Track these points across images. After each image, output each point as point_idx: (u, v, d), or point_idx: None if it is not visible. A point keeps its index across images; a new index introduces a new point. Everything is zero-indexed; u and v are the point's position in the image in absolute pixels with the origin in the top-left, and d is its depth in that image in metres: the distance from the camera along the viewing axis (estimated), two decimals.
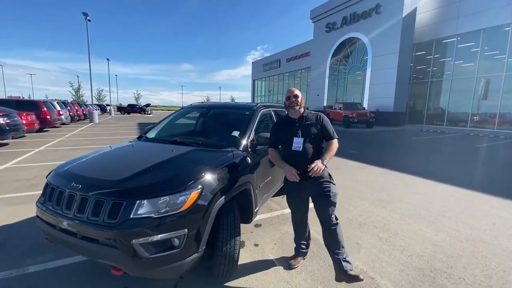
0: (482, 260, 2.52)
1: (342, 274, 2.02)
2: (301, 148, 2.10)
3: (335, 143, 2.18)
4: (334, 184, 2.14)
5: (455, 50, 18.25)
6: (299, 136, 2.14)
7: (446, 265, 2.43)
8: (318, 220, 2.19)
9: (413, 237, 2.95)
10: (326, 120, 2.24)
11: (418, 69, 20.88)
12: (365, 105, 20.88)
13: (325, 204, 2.10)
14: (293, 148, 2.14)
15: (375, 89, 20.84)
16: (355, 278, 1.97)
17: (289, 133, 2.19)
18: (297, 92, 2.21)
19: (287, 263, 2.38)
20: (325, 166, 2.05)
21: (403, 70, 19.46)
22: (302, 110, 2.23)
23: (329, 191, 2.09)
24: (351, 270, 2.03)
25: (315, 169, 1.97)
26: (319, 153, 2.16)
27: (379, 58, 20.18)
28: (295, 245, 2.50)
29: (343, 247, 2.12)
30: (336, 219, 2.13)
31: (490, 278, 2.25)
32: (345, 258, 2.08)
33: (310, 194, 2.20)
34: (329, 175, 2.17)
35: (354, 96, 23.82)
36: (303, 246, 2.45)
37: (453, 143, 11.19)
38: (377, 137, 13.09)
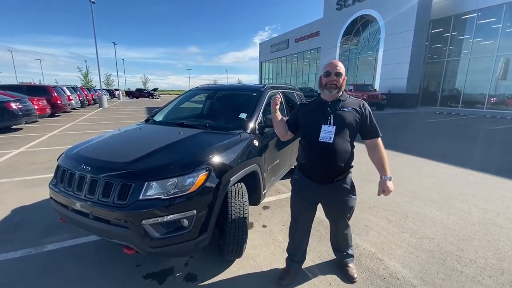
0: (495, 243, 2.47)
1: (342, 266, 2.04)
2: (332, 139, 1.62)
3: (381, 144, 1.76)
4: (355, 196, 1.80)
5: (475, 27, 17.17)
6: (330, 124, 1.64)
7: (457, 247, 2.40)
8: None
9: (423, 220, 2.92)
10: (370, 110, 1.74)
11: (433, 48, 19.88)
12: (377, 86, 20.25)
13: (337, 219, 1.87)
14: (320, 139, 1.64)
15: (387, 69, 20.07)
16: (350, 277, 1.97)
17: (317, 119, 1.69)
18: (340, 67, 1.66)
19: (276, 278, 1.97)
20: (390, 179, 1.73)
21: (418, 49, 18.55)
22: (340, 93, 1.72)
23: (346, 205, 1.76)
24: (352, 268, 2.02)
25: (386, 194, 1.71)
26: (351, 155, 1.72)
27: (393, 37, 19.25)
28: (286, 256, 2.05)
29: (350, 246, 2.04)
30: (348, 225, 1.93)
31: (502, 261, 2.21)
32: (349, 256, 2.03)
33: (321, 202, 1.83)
34: (352, 183, 1.78)
35: (365, 78, 23.08)
36: (297, 259, 1.99)
37: (468, 125, 10.81)
38: (388, 119, 12.77)
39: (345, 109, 1.68)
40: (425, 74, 20.36)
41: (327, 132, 1.63)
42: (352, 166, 1.76)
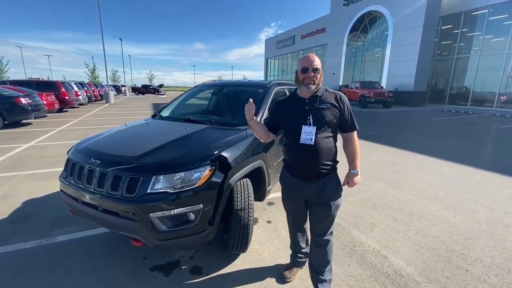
0: (502, 243, 2.45)
1: None
2: (313, 140, 1.55)
3: (356, 138, 1.70)
4: (341, 195, 1.71)
5: (486, 23, 16.78)
6: (309, 124, 1.57)
7: (462, 246, 2.38)
8: None
9: (429, 218, 2.90)
10: (348, 103, 1.66)
11: (442, 45, 19.50)
12: (383, 84, 19.98)
13: (322, 216, 1.71)
14: (301, 141, 1.57)
15: (394, 67, 19.78)
16: None
17: (296, 119, 1.62)
18: (317, 62, 1.58)
19: (279, 273, 2.00)
20: (357, 174, 1.74)
21: (427, 46, 18.22)
22: (317, 89, 1.64)
23: (331, 201, 1.66)
24: None
25: (350, 186, 1.75)
26: (335, 151, 1.65)
27: (401, 33, 18.93)
28: (290, 252, 2.07)
29: (329, 269, 1.81)
30: (331, 234, 1.77)
31: (509, 260, 2.19)
32: (325, 280, 1.79)
33: (307, 199, 1.74)
34: (338, 180, 1.72)
35: (372, 75, 22.80)
36: (301, 255, 2.01)
37: (476, 124, 10.63)
38: (394, 117, 12.63)
39: (323, 106, 1.59)
40: (434, 72, 20.01)
41: (307, 133, 1.57)
42: (338, 162, 1.69)
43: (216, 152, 1.93)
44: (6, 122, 8.07)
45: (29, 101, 8.53)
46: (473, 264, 2.14)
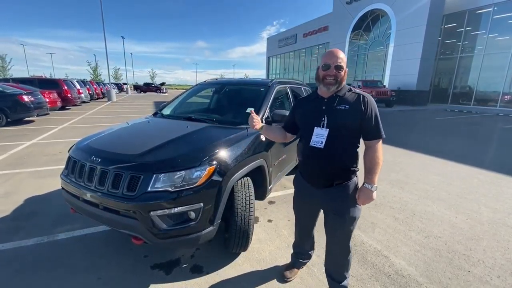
0: (504, 243, 2.43)
1: None
2: (323, 144, 1.42)
3: (379, 149, 1.45)
4: (359, 205, 1.52)
5: (490, 22, 16.60)
6: (322, 126, 1.44)
7: (465, 247, 2.37)
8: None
9: (431, 218, 2.88)
10: (374, 107, 1.43)
11: (446, 44, 19.35)
12: (386, 83, 19.87)
13: (336, 227, 1.55)
14: (311, 143, 1.45)
15: (397, 65, 19.65)
16: None
17: (311, 119, 1.50)
18: (341, 59, 1.40)
19: (279, 273, 1.98)
20: (373, 190, 1.45)
21: (430, 44, 18.06)
22: (339, 88, 1.47)
23: (345, 213, 1.49)
24: None
25: (361, 203, 1.49)
26: (351, 158, 1.47)
27: (404, 32, 18.78)
28: (292, 252, 2.02)
29: (346, 278, 1.70)
30: (349, 250, 1.62)
31: (511, 262, 2.18)
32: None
33: (320, 207, 1.64)
34: (357, 187, 1.53)
35: (374, 74, 22.68)
36: (302, 257, 1.97)
37: (480, 124, 10.54)
38: (397, 116, 12.56)
39: (342, 107, 1.42)
40: (437, 71, 19.87)
41: (318, 136, 1.44)
42: (358, 169, 1.52)
43: (217, 151, 1.92)
44: (9, 120, 8.11)
45: (32, 99, 8.56)
46: (475, 265, 2.13)
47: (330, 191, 1.50)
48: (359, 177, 1.56)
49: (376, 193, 1.48)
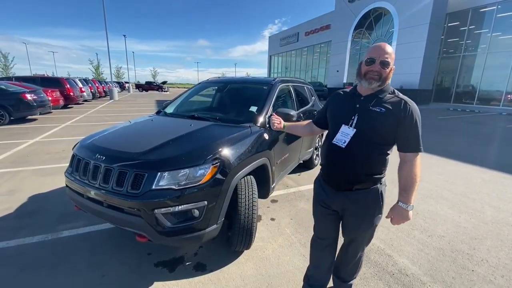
0: (508, 243, 2.42)
1: None
2: (346, 144, 1.32)
3: (417, 164, 1.29)
4: (380, 214, 1.42)
5: (494, 20, 16.47)
6: (350, 125, 1.33)
7: (468, 246, 2.36)
8: None
9: (434, 217, 2.88)
10: (417, 116, 1.26)
11: (449, 42, 19.22)
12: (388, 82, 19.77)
13: (352, 231, 1.49)
14: (334, 141, 1.36)
15: (399, 64, 19.51)
16: None
17: (340, 115, 1.40)
18: (389, 54, 1.28)
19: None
20: (408, 210, 1.31)
21: (433, 43, 17.96)
22: (381, 87, 1.32)
23: (366, 221, 1.41)
24: None
25: (394, 223, 1.38)
26: (376, 165, 1.34)
27: (407, 30, 18.68)
28: (304, 277, 1.77)
29: (354, 278, 1.68)
30: (361, 251, 1.57)
31: None
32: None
33: (339, 211, 1.48)
34: (380, 195, 1.39)
35: None
36: (313, 283, 1.70)
37: (483, 123, 10.49)
38: None
39: (377, 109, 1.28)
40: (439, 70, 19.76)
41: (343, 135, 1.33)
42: (382, 177, 1.40)
43: (221, 149, 1.92)
44: (12, 118, 8.15)
45: (35, 97, 8.59)
46: (479, 264, 2.12)
47: (349, 195, 1.39)
48: (387, 185, 1.47)
49: (412, 212, 1.34)
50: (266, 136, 2.42)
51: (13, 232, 2.44)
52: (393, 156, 1.36)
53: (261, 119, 2.53)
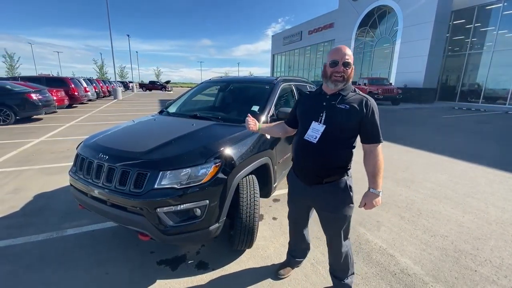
0: None
1: None
2: (317, 139, 1.43)
3: (379, 153, 1.45)
4: (351, 204, 1.53)
5: (500, 18, 16.26)
6: (320, 122, 1.45)
7: (472, 246, 2.34)
8: None
9: (437, 217, 2.86)
10: (375, 111, 1.43)
11: (454, 40, 19.01)
12: (392, 80, 19.64)
13: (328, 225, 1.61)
14: (305, 137, 1.47)
15: (404, 63, 19.40)
16: None
17: (310, 113, 1.51)
18: (349, 55, 1.41)
19: (275, 271, 1.98)
20: (378, 195, 1.46)
21: (438, 41, 17.78)
22: (344, 86, 1.46)
23: (334, 210, 1.51)
24: None
25: (367, 208, 1.49)
26: (344, 158, 1.47)
27: (411, 28, 18.52)
28: (287, 249, 2.04)
29: (350, 275, 1.73)
30: (340, 240, 1.62)
31: None
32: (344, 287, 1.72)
33: (312, 205, 1.66)
34: (348, 186, 1.50)
35: (380, 71, 22.43)
36: (298, 255, 1.99)
37: (488, 122, 10.36)
38: (403, 114, 12.42)
39: (342, 106, 1.42)
40: (444, 68, 19.56)
41: (314, 131, 1.45)
42: (349, 169, 1.52)
43: (222, 148, 1.93)
44: (17, 118, 8.25)
45: (40, 97, 8.68)
46: (482, 265, 2.11)
47: (320, 188, 1.51)
48: (352, 177, 1.56)
49: (381, 197, 1.48)
50: (268, 135, 2.42)
51: (19, 230, 2.48)
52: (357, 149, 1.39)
53: (263, 119, 2.54)
